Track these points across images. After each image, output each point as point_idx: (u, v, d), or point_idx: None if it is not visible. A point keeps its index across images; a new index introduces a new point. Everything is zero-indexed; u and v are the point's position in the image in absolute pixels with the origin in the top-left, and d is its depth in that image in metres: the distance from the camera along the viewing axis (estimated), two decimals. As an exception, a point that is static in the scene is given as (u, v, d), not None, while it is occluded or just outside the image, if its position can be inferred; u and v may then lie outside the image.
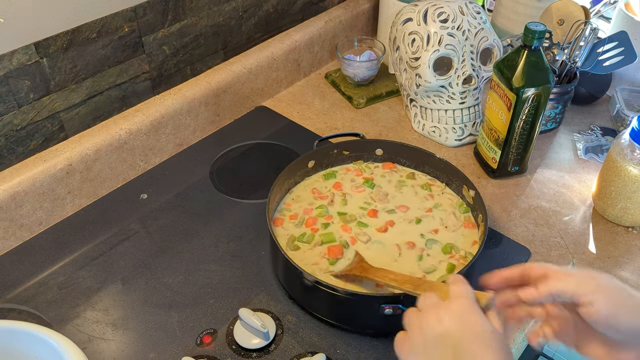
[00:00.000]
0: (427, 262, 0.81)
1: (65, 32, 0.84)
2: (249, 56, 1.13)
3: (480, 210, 0.83)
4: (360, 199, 0.91)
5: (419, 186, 0.93)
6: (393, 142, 0.97)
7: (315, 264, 0.80)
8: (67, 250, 0.88)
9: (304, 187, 0.92)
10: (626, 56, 1.06)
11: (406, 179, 0.94)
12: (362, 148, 0.97)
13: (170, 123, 1.02)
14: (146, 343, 0.75)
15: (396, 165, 0.97)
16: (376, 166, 0.97)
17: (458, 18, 1.02)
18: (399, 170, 0.96)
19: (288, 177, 0.90)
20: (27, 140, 0.87)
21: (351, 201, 0.90)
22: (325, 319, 0.78)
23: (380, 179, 0.94)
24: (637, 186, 0.88)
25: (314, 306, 0.78)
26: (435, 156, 0.93)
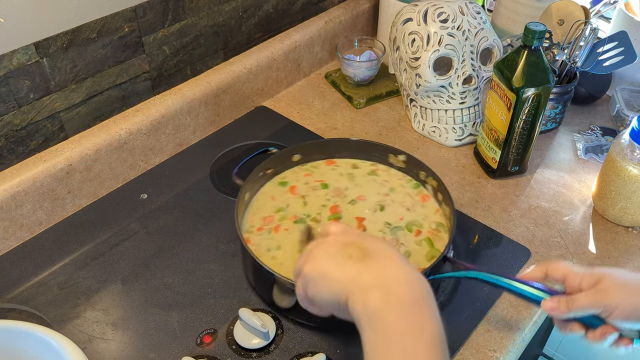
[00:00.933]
0: (402, 249, 0.82)
1: (65, 32, 0.84)
2: (249, 56, 1.13)
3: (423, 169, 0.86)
4: (318, 198, 0.90)
5: (366, 174, 0.93)
6: (305, 144, 0.94)
7: None
8: (67, 250, 0.88)
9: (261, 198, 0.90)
10: (626, 56, 1.06)
11: (352, 170, 0.94)
12: (281, 161, 0.92)
13: (170, 123, 1.02)
14: (146, 343, 0.75)
15: (336, 160, 0.96)
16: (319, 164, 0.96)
17: (458, 18, 1.02)
18: (340, 164, 0.96)
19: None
20: (27, 140, 0.87)
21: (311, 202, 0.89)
22: (312, 324, 0.77)
23: (330, 177, 0.93)
24: (637, 186, 0.88)
25: (299, 314, 0.78)
26: (351, 140, 0.94)
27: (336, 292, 0.52)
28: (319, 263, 0.55)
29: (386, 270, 0.51)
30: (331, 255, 0.55)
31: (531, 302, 0.67)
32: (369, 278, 0.51)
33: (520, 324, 0.79)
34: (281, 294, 0.76)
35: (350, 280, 0.51)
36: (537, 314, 0.81)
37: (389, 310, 0.48)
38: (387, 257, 0.53)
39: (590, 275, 0.62)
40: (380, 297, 0.49)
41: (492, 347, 0.76)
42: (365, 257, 0.53)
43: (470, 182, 1.02)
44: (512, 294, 0.68)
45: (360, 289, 0.50)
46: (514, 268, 0.87)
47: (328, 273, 0.53)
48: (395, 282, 0.50)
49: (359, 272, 0.51)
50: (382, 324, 0.47)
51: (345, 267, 0.53)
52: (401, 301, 0.48)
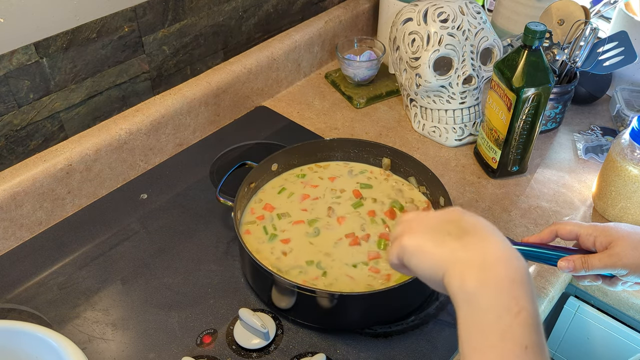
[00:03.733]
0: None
1: (65, 32, 0.84)
2: (249, 56, 1.13)
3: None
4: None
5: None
6: (286, 149, 0.93)
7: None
8: (67, 250, 0.88)
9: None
10: (626, 56, 1.06)
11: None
12: (261, 172, 0.91)
13: (170, 123, 1.02)
14: (146, 343, 0.75)
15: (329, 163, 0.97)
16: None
17: (458, 18, 1.02)
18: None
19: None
20: (27, 140, 0.87)
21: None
22: (310, 324, 0.78)
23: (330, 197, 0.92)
24: (637, 186, 0.88)
25: (298, 314, 0.78)
26: (325, 140, 0.95)
27: (433, 267, 0.52)
28: (417, 235, 0.55)
29: (484, 248, 0.51)
30: (430, 229, 0.55)
31: (546, 263, 0.70)
32: (467, 256, 0.50)
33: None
34: (280, 295, 0.76)
35: (447, 257, 0.51)
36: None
37: (486, 290, 0.47)
38: (485, 234, 0.53)
39: (603, 236, 0.66)
40: (477, 276, 0.48)
41: (492, 347, 0.76)
42: (464, 234, 0.52)
43: (470, 182, 1.02)
44: (527, 259, 0.70)
45: (458, 266, 0.50)
46: (514, 268, 0.86)
47: (426, 247, 0.54)
48: (493, 260, 0.49)
49: (457, 249, 0.51)
50: (479, 303, 0.47)
51: (443, 243, 0.53)
52: (498, 280, 0.48)
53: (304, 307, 0.76)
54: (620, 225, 0.68)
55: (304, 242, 0.83)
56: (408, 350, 0.75)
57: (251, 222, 0.86)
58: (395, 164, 0.94)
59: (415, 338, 0.77)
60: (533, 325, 0.46)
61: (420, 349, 0.76)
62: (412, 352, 0.75)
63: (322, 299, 0.72)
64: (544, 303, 0.83)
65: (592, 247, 0.68)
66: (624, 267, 0.65)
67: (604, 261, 0.66)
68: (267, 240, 0.83)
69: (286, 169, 0.95)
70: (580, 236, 0.69)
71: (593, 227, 0.68)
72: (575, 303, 0.94)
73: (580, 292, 0.92)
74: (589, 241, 0.68)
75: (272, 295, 0.77)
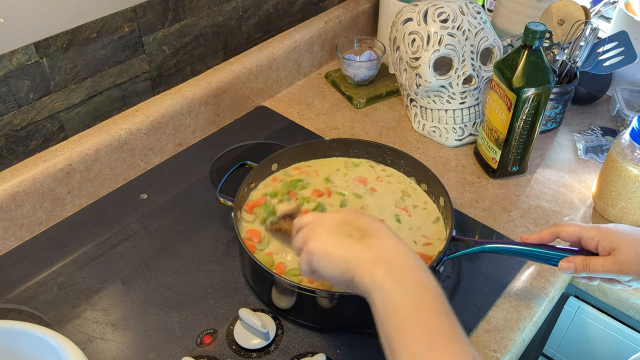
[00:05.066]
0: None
1: (65, 32, 0.84)
2: (249, 56, 1.13)
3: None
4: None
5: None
6: (286, 149, 0.92)
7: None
8: (67, 250, 0.88)
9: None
10: (626, 56, 1.06)
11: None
12: (261, 172, 0.91)
13: (170, 123, 1.02)
14: (146, 343, 0.75)
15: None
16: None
17: (458, 18, 1.02)
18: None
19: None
20: (27, 140, 0.87)
21: None
22: (311, 324, 0.77)
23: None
24: (637, 186, 0.88)
25: (298, 314, 0.78)
26: (325, 140, 0.95)
27: (341, 269, 0.58)
28: (321, 241, 0.60)
29: (385, 245, 0.57)
30: (332, 233, 0.60)
31: (547, 263, 0.71)
32: (371, 255, 0.56)
33: (520, 324, 0.79)
34: (280, 295, 0.76)
35: (354, 258, 0.57)
36: (537, 314, 0.81)
37: (394, 277, 0.54)
38: (382, 234, 0.59)
39: (606, 240, 0.67)
40: (384, 269, 0.55)
41: (492, 347, 0.76)
42: (364, 235, 0.58)
43: (470, 182, 1.02)
44: (527, 259, 0.74)
45: (365, 265, 0.56)
46: (514, 268, 0.86)
47: (332, 251, 0.59)
48: (395, 255, 0.56)
49: (361, 250, 0.57)
50: (390, 289, 0.53)
51: (347, 245, 0.58)
52: (402, 269, 0.55)
53: (304, 307, 0.76)
54: (623, 229, 0.68)
55: None
56: (408, 350, 0.75)
57: (251, 222, 0.86)
58: (395, 163, 0.94)
59: (415, 338, 0.77)
60: (439, 296, 0.53)
61: (420, 349, 0.76)
62: (412, 352, 0.75)
63: (322, 299, 0.72)
64: (544, 303, 0.83)
65: (594, 249, 0.68)
66: (627, 274, 0.66)
67: (607, 267, 0.66)
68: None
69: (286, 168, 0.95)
70: (582, 238, 0.69)
71: (596, 230, 0.68)
72: (575, 303, 0.94)
73: (580, 292, 0.92)
74: (592, 244, 0.68)
75: (272, 295, 0.77)
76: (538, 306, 0.82)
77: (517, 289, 0.84)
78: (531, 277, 0.86)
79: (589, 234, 0.68)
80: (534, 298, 0.83)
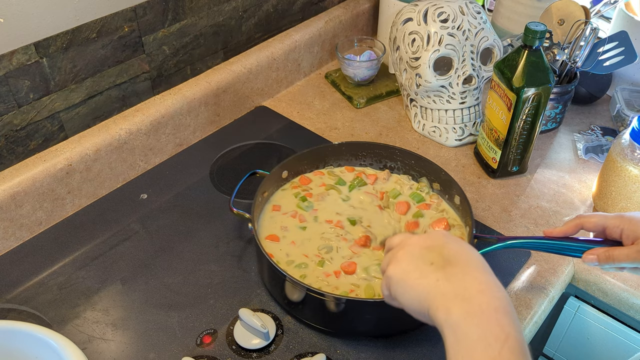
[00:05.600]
0: None
1: (65, 32, 0.84)
2: (249, 56, 1.13)
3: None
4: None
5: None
6: (294, 156, 0.91)
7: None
8: (67, 250, 0.88)
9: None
10: (626, 56, 1.06)
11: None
12: (272, 182, 0.90)
13: (170, 123, 1.02)
14: (146, 343, 0.75)
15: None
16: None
17: (458, 18, 1.02)
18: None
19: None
20: (27, 140, 0.87)
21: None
22: (318, 326, 0.77)
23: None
24: (637, 186, 0.88)
25: (306, 315, 0.78)
26: (333, 144, 0.94)
27: (417, 299, 0.53)
28: (401, 266, 0.56)
29: (467, 279, 0.52)
30: (414, 259, 0.56)
31: (570, 255, 0.72)
32: (450, 288, 0.51)
33: (520, 324, 0.79)
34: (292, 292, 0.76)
35: (430, 289, 0.52)
36: (537, 314, 0.81)
37: (472, 320, 0.48)
38: (467, 264, 0.53)
39: (630, 229, 0.67)
40: (461, 307, 0.49)
41: (492, 347, 0.76)
42: (446, 264, 0.53)
43: (470, 182, 1.02)
44: (551, 252, 0.74)
45: (442, 298, 0.51)
46: (514, 268, 0.86)
47: (409, 279, 0.55)
48: (476, 291, 0.50)
49: (439, 279, 0.52)
50: (465, 333, 0.48)
51: (427, 274, 0.53)
52: (483, 310, 0.49)
53: (316, 310, 0.75)
54: None
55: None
56: (408, 351, 0.75)
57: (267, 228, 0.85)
58: (405, 164, 0.94)
59: (415, 338, 0.77)
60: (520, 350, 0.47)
61: (420, 349, 0.76)
62: (412, 352, 0.75)
63: (331, 303, 0.72)
64: (544, 303, 0.83)
65: (619, 238, 0.68)
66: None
67: (632, 256, 0.66)
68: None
69: (295, 175, 0.94)
70: (607, 228, 0.69)
71: (620, 219, 0.68)
72: (575, 303, 0.94)
73: (580, 292, 0.92)
74: (616, 233, 0.68)
75: (286, 293, 0.77)
76: (538, 306, 0.82)
77: (517, 289, 0.84)
78: (531, 277, 0.86)
79: (613, 222, 0.68)
80: (534, 298, 0.83)
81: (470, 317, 0.48)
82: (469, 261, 0.54)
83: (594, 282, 0.88)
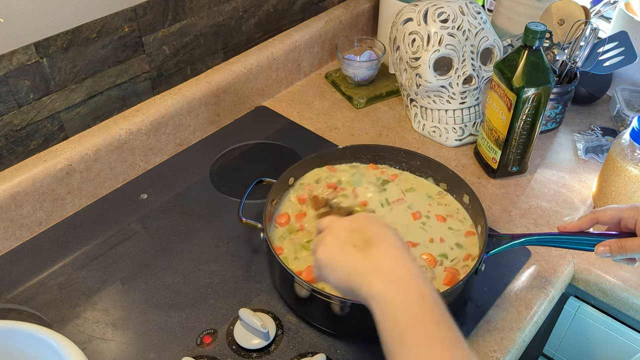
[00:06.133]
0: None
1: (65, 32, 0.84)
2: (249, 56, 1.13)
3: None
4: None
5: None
6: (300, 162, 0.91)
7: None
8: (67, 250, 0.88)
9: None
10: (626, 56, 1.06)
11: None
12: (281, 189, 0.89)
13: (170, 123, 1.02)
14: (146, 343, 0.75)
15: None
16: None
17: (458, 18, 1.02)
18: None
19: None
20: (27, 140, 0.87)
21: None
22: (323, 327, 0.77)
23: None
24: (637, 186, 0.88)
25: (312, 315, 0.78)
26: (338, 148, 0.94)
27: (344, 279, 0.58)
28: (327, 249, 0.60)
29: (384, 255, 0.57)
30: (339, 242, 0.60)
31: (583, 249, 0.73)
32: (370, 266, 0.56)
33: (520, 324, 0.79)
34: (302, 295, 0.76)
35: (354, 269, 0.57)
36: (537, 314, 0.81)
37: (392, 289, 0.54)
38: (384, 243, 0.58)
39: None
40: (381, 280, 0.55)
41: (492, 347, 0.76)
42: (367, 244, 0.58)
43: (470, 182, 1.02)
44: (566, 247, 0.75)
45: (365, 275, 0.56)
46: (514, 268, 0.86)
47: (335, 261, 0.59)
48: (392, 265, 0.56)
49: (361, 260, 0.57)
50: (390, 301, 0.53)
51: (350, 255, 0.58)
52: (400, 279, 0.55)
53: (322, 312, 0.76)
54: None
55: None
56: (408, 351, 0.75)
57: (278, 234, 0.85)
58: (410, 165, 0.94)
59: (416, 338, 0.77)
60: (437, 304, 0.53)
61: (420, 349, 0.76)
62: (412, 352, 0.75)
63: (336, 306, 0.72)
64: (544, 303, 0.83)
65: (633, 229, 0.69)
66: None
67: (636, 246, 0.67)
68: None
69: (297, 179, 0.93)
70: (622, 219, 0.70)
71: (635, 210, 0.69)
72: (575, 303, 0.94)
73: (580, 292, 0.92)
74: (631, 223, 0.69)
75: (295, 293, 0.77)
76: (538, 306, 0.82)
77: (517, 289, 0.84)
78: (531, 277, 0.86)
79: (628, 214, 0.69)
80: (534, 298, 0.83)
81: (391, 285, 0.54)
82: (388, 242, 0.58)
83: (594, 282, 0.88)
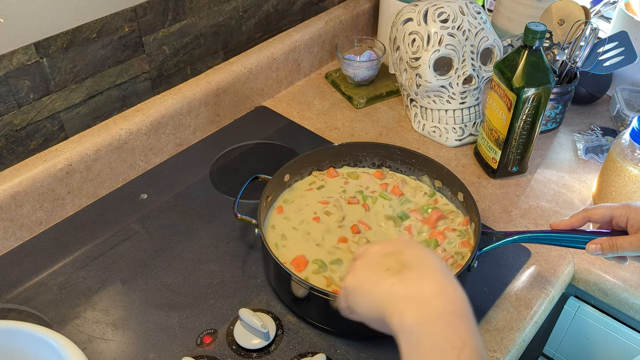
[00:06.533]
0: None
1: (65, 32, 0.84)
2: (249, 56, 1.13)
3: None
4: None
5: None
6: (295, 159, 0.90)
7: None
8: (67, 250, 0.88)
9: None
10: (626, 56, 1.06)
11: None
12: (276, 185, 0.89)
13: (170, 123, 1.02)
14: (146, 343, 0.75)
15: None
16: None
17: (458, 18, 1.02)
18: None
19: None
20: (27, 140, 0.87)
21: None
22: (319, 324, 0.77)
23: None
24: (637, 186, 0.88)
25: (308, 313, 0.78)
26: (334, 145, 0.93)
27: (374, 306, 0.51)
28: (357, 275, 0.54)
29: (422, 281, 0.49)
30: (370, 267, 0.53)
31: (575, 247, 0.73)
32: (404, 291, 0.49)
33: (520, 324, 0.79)
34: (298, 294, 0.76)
35: (385, 294, 0.50)
36: (537, 314, 0.81)
37: (425, 326, 0.46)
38: (425, 267, 0.51)
39: (635, 219, 0.67)
40: (415, 311, 0.47)
41: (492, 347, 0.76)
42: (403, 268, 0.51)
43: (470, 182, 1.02)
44: (558, 245, 0.75)
45: (396, 303, 0.48)
46: (514, 268, 0.86)
47: (365, 286, 0.52)
48: (431, 294, 0.48)
49: (394, 284, 0.50)
50: (421, 340, 0.45)
51: (382, 280, 0.51)
52: (437, 314, 0.46)
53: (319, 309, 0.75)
54: None
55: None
56: (408, 351, 0.75)
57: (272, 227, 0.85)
58: (405, 163, 0.94)
59: (416, 338, 0.77)
60: (479, 356, 0.44)
61: (420, 349, 0.76)
62: (412, 352, 0.75)
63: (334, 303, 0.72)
64: (544, 303, 0.83)
65: (625, 227, 0.69)
66: None
67: (636, 244, 0.66)
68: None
69: (298, 179, 0.93)
70: (614, 217, 0.70)
71: (626, 208, 0.69)
72: (575, 303, 0.94)
73: (580, 292, 0.92)
74: (622, 221, 0.69)
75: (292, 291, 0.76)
76: (538, 306, 0.82)
77: (517, 289, 0.84)
78: (531, 277, 0.86)
79: (619, 212, 0.69)
80: (534, 298, 0.83)
81: (425, 322, 0.46)
82: (427, 265, 0.51)
83: (594, 282, 0.88)
